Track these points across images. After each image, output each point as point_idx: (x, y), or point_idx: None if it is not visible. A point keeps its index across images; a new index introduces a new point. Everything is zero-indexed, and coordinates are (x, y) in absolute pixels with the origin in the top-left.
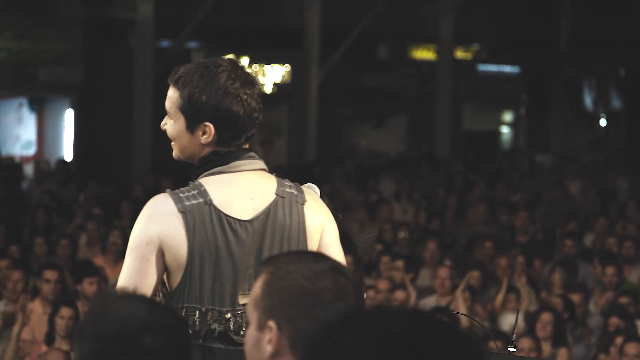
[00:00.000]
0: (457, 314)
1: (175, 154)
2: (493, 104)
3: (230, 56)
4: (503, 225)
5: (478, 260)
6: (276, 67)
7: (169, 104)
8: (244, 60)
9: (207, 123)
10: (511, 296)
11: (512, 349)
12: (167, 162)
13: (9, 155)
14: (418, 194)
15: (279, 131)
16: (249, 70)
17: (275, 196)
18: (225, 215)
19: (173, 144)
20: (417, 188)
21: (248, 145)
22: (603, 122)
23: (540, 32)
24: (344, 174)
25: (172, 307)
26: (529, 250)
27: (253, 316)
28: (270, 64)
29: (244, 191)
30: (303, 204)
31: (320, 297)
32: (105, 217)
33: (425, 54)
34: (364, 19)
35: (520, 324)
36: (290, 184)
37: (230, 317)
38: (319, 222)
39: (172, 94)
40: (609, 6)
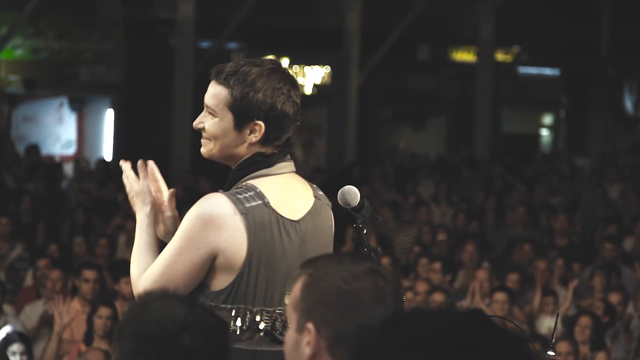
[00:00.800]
0: (496, 317)
1: (209, 153)
2: (533, 106)
3: (270, 57)
4: (542, 228)
5: (517, 263)
6: (316, 68)
7: (214, 102)
8: (284, 62)
9: (257, 122)
10: (549, 299)
11: (551, 352)
12: (206, 163)
13: (49, 155)
14: (457, 196)
15: (319, 133)
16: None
17: (314, 199)
18: (281, 216)
19: (208, 142)
20: (456, 190)
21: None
22: None
23: (580, 35)
24: (383, 175)
25: (212, 308)
26: (568, 254)
27: (292, 318)
28: (310, 66)
29: (291, 193)
30: (329, 206)
31: (358, 298)
32: None
33: (465, 56)
34: (403, 21)
35: (558, 328)
36: (314, 186)
37: (276, 317)
38: (333, 224)
39: (219, 91)
40: None
